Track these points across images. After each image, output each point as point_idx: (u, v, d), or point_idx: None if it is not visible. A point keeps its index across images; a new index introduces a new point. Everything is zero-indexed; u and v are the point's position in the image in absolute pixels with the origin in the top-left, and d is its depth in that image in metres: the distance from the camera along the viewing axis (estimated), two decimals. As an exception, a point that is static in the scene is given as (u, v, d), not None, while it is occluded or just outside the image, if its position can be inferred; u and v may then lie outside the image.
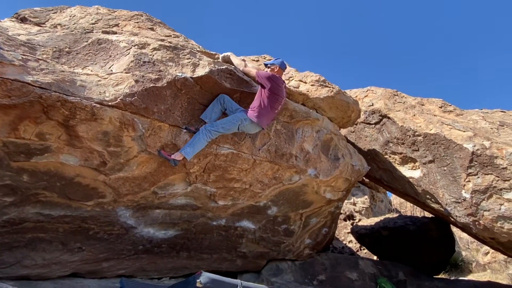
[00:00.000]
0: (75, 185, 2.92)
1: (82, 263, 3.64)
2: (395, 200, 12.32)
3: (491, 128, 4.85)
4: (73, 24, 3.47)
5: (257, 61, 4.66)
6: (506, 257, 7.57)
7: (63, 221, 3.16)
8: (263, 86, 3.24)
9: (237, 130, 3.23)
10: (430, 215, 6.86)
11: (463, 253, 9.40)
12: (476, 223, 4.40)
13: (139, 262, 4.06)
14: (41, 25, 3.46)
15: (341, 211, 8.50)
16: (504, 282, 6.88)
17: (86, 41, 3.09)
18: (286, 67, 3.62)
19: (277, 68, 3.45)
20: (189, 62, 3.27)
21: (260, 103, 3.20)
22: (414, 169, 5.25)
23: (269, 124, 3.54)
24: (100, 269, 3.86)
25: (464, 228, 4.92)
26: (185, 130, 3.13)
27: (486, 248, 8.48)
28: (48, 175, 2.75)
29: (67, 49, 2.94)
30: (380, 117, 5.65)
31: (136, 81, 2.82)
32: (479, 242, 7.37)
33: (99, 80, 2.73)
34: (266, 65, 3.57)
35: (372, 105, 5.87)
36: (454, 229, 7.29)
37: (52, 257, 3.34)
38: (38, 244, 3.23)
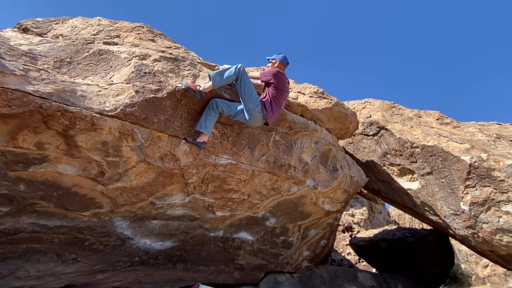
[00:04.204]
0: (72, 195, 2.89)
1: (76, 275, 3.57)
2: (394, 211, 12.28)
3: (488, 141, 4.89)
4: (75, 35, 3.51)
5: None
6: (505, 270, 7.50)
7: (59, 232, 3.11)
8: (267, 84, 3.32)
9: (249, 105, 3.15)
10: (429, 227, 6.83)
11: (462, 265, 9.31)
12: (475, 235, 4.38)
13: (135, 274, 3.99)
14: (43, 35, 3.49)
15: (340, 223, 8.44)
16: (504, 295, 6.80)
17: (87, 52, 3.12)
18: (287, 62, 3.65)
19: (278, 62, 3.55)
20: (190, 73, 3.31)
21: (267, 99, 3.27)
22: (412, 181, 5.26)
23: (274, 121, 3.53)
24: (95, 281, 3.79)
25: (463, 240, 4.90)
26: (184, 141, 3.13)
27: (485, 261, 8.40)
28: (45, 184, 2.73)
29: (68, 59, 2.96)
30: (378, 129, 5.70)
31: (137, 92, 2.83)
32: (478, 255, 7.30)
33: (99, 90, 2.74)
34: (268, 59, 3.66)
35: (370, 116, 5.92)
36: (453, 242, 7.25)
37: (47, 268, 3.28)
38: (32, 255, 3.17)
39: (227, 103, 3.23)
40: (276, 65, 3.57)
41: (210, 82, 3.07)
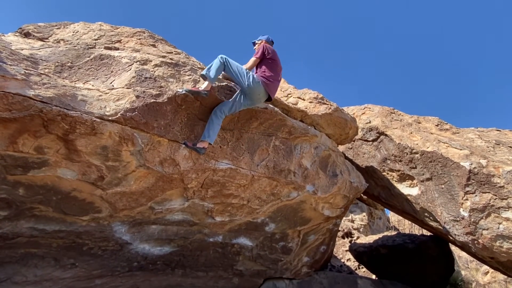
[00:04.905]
0: (71, 199, 2.89)
1: (74, 280, 3.54)
2: (393, 217, 12.23)
3: (487, 147, 4.90)
4: (76, 40, 3.53)
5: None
6: (506, 277, 7.46)
7: (57, 236, 3.09)
8: (262, 60, 3.48)
9: (248, 88, 3.25)
10: (429, 233, 6.80)
11: (463, 272, 9.25)
12: (475, 242, 4.37)
13: (133, 280, 3.96)
14: (44, 40, 3.51)
15: (339, 229, 8.41)
16: (505, 303, 6.76)
17: (88, 57, 3.13)
18: (272, 41, 3.85)
19: (263, 41, 3.76)
20: (190, 78, 3.32)
21: (264, 72, 3.39)
22: (412, 187, 5.25)
23: (274, 94, 3.61)
24: (93, 287, 3.75)
25: (463, 247, 4.88)
26: (183, 146, 3.13)
27: (485, 267, 8.36)
28: (44, 189, 2.72)
29: (69, 64, 2.97)
30: (378, 134, 5.71)
31: (137, 97, 2.84)
32: (478, 262, 7.28)
33: (100, 95, 2.75)
34: (253, 43, 3.87)
35: (370, 122, 5.93)
36: (453, 248, 7.22)
37: (44, 273, 3.26)
38: (30, 260, 3.15)
39: (227, 101, 3.29)
40: (262, 43, 3.72)
41: (206, 81, 3.13)
